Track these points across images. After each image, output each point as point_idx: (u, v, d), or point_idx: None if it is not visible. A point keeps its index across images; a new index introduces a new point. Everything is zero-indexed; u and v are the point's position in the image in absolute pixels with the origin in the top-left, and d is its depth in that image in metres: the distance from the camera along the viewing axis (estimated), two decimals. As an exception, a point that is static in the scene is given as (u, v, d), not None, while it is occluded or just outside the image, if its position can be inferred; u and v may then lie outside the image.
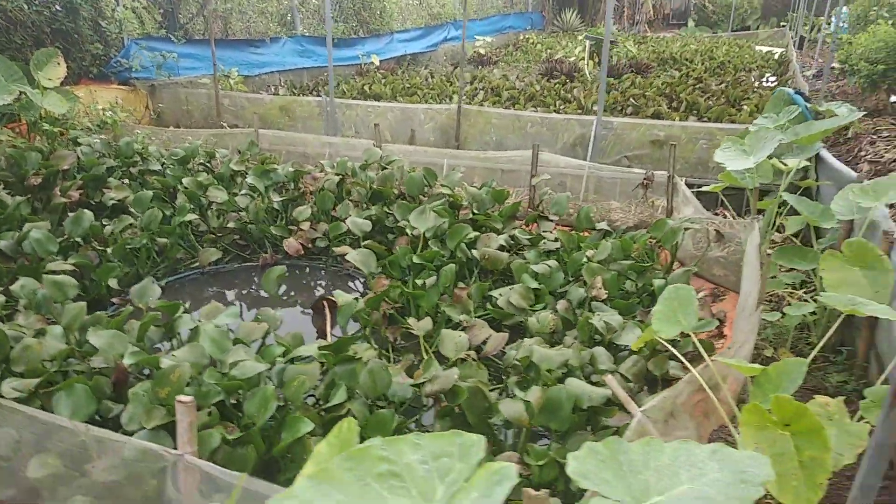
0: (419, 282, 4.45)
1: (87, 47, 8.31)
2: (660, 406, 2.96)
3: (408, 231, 5.14)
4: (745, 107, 8.78)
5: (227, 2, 10.39)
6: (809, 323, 4.35)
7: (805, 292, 4.55)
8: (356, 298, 3.86)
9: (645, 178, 5.97)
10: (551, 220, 5.73)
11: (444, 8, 17.48)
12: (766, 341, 4.27)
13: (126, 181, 6.33)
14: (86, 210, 5.26)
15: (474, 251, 4.78)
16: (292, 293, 5.73)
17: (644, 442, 1.82)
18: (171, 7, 10.08)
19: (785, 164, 5.17)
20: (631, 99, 9.16)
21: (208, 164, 6.78)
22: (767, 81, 12.11)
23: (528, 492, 1.88)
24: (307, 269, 5.91)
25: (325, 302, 4.47)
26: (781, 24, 22.18)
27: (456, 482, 1.54)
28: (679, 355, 3.25)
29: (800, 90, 6.67)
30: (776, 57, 15.54)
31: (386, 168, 6.24)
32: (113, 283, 4.75)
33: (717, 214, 6.12)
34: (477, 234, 5.09)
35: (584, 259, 4.60)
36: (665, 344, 3.32)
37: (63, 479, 2.74)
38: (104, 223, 5.32)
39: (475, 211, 5.63)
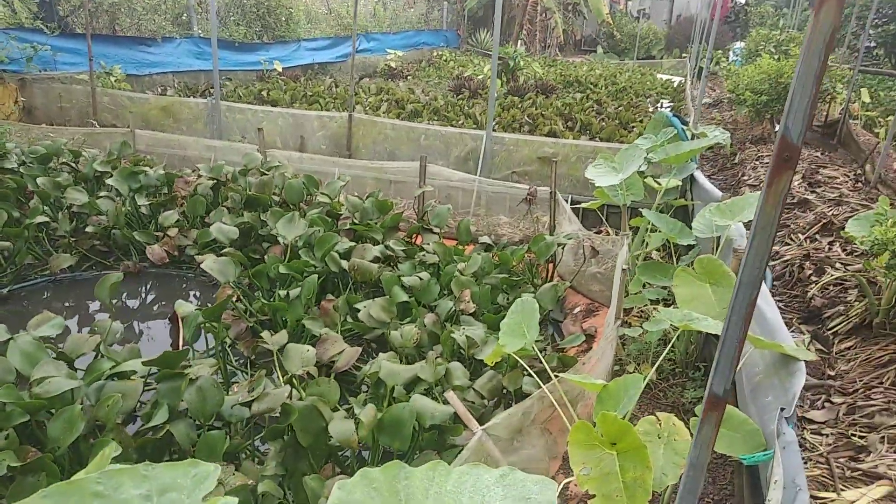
0: (283, 293, 4.22)
1: (-57, 33, 7.60)
2: (505, 423, 2.86)
3: (281, 240, 4.90)
4: (635, 129, 9.04)
5: (114, -5, 9.83)
6: (673, 339, 4.41)
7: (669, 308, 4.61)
8: (199, 309, 3.58)
9: (528, 194, 5.97)
10: (435, 233, 5.62)
11: (357, 20, 17.30)
12: (630, 357, 4.28)
13: (-25, 179, 5.78)
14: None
15: (346, 262, 4.59)
16: (163, 302, 5.36)
17: (429, 466, 1.68)
18: (49, -2, 9.44)
19: (659, 184, 5.29)
20: (526, 117, 9.26)
21: (74, 164, 6.28)
22: (662, 107, 12.60)
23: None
24: (181, 279, 5.55)
25: (177, 313, 4.16)
26: (683, 55, 23.32)
27: None
28: (529, 370, 3.17)
29: (678, 113, 6.90)
30: (675, 85, 16.27)
31: (266, 174, 5.96)
32: (-63, 290, 4.27)
33: (599, 232, 6.19)
34: (353, 244, 4.91)
35: (457, 272, 4.50)
36: (517, 358, 3.24)
37: None
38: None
39: (356, 221, 5.45)
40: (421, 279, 4.51)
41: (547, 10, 22.04)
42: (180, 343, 4.17)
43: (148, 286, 5.47)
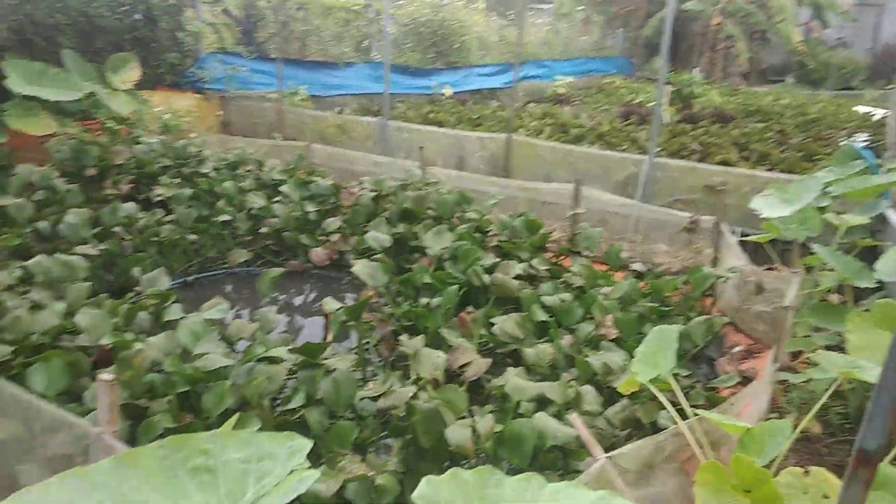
0: (424, 301, 4.34)
1: (164, 56, 8.81)
2: (633, 455, 2.69)
3: (428, 251, 5.06)
4: (822, 162, 8.24)
5: (305, 25, 10.81)
6: (846, 390, 3.91)
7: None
8: (343, 307, 3.77)
9: (689, 222, 5.64)
10: (584, 256, 5.49)
11: (526, 47, 17.54)
12: (792, 405, 3.86)
13: (177, 181, 6.57)
14: (124, 202, 5.49)
15: (488, 277, 4.62)
16: (322, 301, 5.72)
17: (524, 477, 1.62)
18: (250, 26, 10.60)
19: (841, 220, 4.76)
20: (696, 144, 8.79)
21: (257, 172, 6.95)
22: (857, 141, 11.37)
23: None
24: (338, 281, 5.89)
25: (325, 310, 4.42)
26: (889, 86, 20.95)
27: (268, 486, 1.40)
28: (667, 403, 2.97)
29: (872, 147, 6.18)
30: (876, 118, 14.63)
31: (423, 189, 6.19)
32: (136, 272, 4.86)
33: (770, 269, 5.69)
34: (498, 260, 4.94)
35: (600, 296, 4.35)
36: (655, 391, 3.05)
37: (22, 444, 2.74)
38: (140, 217, 5.49)
39: (503, 238, 5.48)
40: (563, 301, 4.41)
41: (730, 38, 20.86)
42: (328, 338, 4.42)
43: (309, 285, 5.87)
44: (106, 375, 2.21)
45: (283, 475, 1.36)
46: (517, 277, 4.74)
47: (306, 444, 1.49)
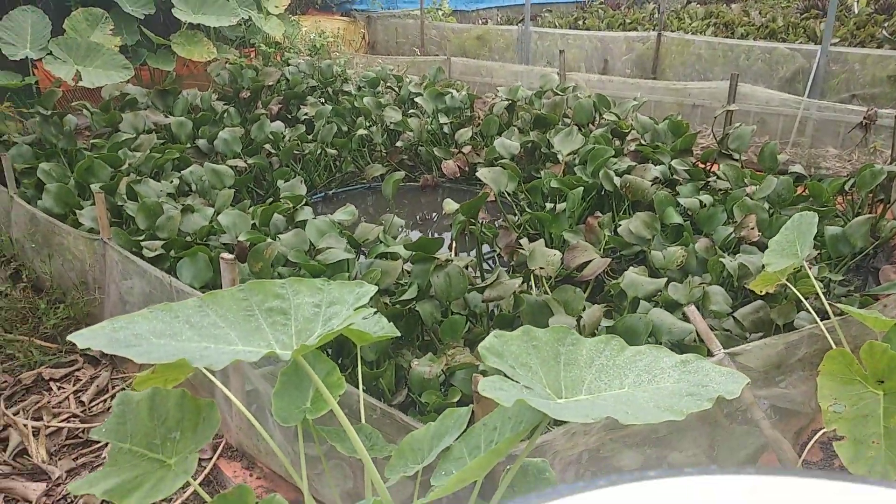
0: (549, 206, 4.21)
1: (313, -21, 9.10)
2: (757, 353, 2.48)
3: (559, 157, 4.87)
4: None
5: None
6: None
7: None
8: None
9: (864, 117, 4.91)
10: (734, 159, 5.00)
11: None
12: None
13: (322, 100, 6.85)
14: (273, 122, 5.83)
15: (619, 180, 4.36)
16: (452, 214, 5.78)
17: (603, 339, 1.55)
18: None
19: None
20: (886, 34, 7.54)
21: (396, 89, 7.04)
22: None
23: (476, 378, 1.70)
24: (470, 193, 5.90)
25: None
26: None
27: (333, 326, 1.45)
28: (804, 301, 2.67)
29: None
30: None
31: (559, 95, 5.93)
32: (280, 184, 5.19)
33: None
34: (633, 164, 4.64)
35: (743, 195, 3.95)
36: (797, 294, 2.74)
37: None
38: (284, 133, 5.80)
39: (643, 142, 5.13)
40: (703, 204, 4.08)
41: None
42: (454, 243, 4.48)
43: (441, 197, 5.93)
44: (227, 255, 2.39)
45: (348, 315, 1.41)
46: (654, 181, 4.44)
47: (372, 290, 1.52)
